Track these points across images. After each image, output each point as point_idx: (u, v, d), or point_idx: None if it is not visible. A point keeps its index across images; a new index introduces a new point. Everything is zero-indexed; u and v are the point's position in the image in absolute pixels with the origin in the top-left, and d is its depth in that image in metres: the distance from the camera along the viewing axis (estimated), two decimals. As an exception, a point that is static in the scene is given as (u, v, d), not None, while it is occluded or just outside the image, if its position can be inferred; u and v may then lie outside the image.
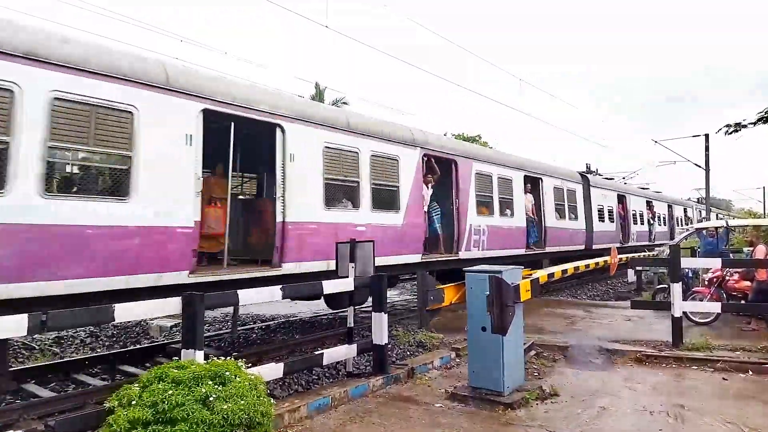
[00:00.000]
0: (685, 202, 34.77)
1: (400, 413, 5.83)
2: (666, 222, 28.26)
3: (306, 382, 7.40)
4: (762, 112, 10.77)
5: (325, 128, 8.86)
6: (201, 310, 5.02)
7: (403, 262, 10.25)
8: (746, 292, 10.24)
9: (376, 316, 7.03)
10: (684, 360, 7.69)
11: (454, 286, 11.47)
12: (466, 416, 5.74)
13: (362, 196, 9.45)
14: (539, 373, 7.40)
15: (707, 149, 24.96)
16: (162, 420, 3.82)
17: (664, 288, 12.52)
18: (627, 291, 17.53)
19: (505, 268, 6.36)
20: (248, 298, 5.85)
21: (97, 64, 6.02)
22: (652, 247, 21.42)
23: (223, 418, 3.88)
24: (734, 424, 5.35)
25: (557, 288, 17.08)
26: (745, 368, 7.27)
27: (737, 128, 11.20)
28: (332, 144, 8.94)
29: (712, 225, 15.33)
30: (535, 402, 6.09)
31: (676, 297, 8.50)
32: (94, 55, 6.07)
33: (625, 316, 11.42)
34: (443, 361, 8.03)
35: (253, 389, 4.30)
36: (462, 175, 12.04)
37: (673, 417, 5.58)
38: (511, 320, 5.82)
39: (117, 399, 4.10)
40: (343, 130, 9.21)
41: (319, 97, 30.62)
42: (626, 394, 6.44)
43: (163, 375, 4.21)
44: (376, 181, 9.82)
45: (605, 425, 5.41)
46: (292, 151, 8.18)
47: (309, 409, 5.75)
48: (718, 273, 10.46)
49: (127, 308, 4.81)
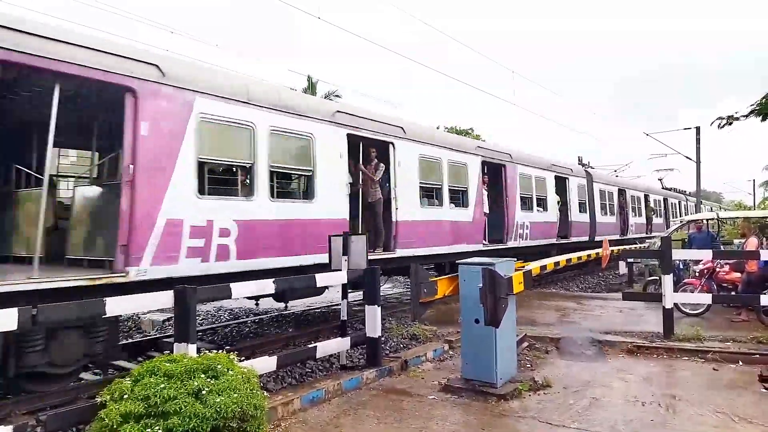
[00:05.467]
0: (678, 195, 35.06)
1: (394, 405, 5.84)
2: (662, 214, 29.22)
3: (299, 375, 7.41)
4: (754, 104, 10.80)
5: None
6: (193, 304, 4.99)
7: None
8: (736, 284, 10.34)
9: (369, 309, 7.03)
10: (675, 351, 7.75)
11: (447, 279, 11.44)
12: (459, 408, 5.76)
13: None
14: (532, 364, 7.44)
15: (698, 142, 25.10)
16: (154, 414, 3.80)
17: (656, 280, 12.60)
18: (618, 283, 17.67)
19: (498, 261, 6.38)
20: (241, 291, 5.83)
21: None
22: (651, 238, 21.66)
23: (216, 412, 3.87)
24: (724, 413, 5.39)
25: (550, 280, 17.17)
26: (736, 359, 7.33)
27: (729, 121, 11.24)
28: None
29: (703, 217, 15.45)
30: (527, 393, 6.12)
31: (667, 288, 8.55)
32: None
33: (617, 307, 11.50)
34: (436, 353, 8.05)
35: (246, 382, 4.28)
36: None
37: (664, 407, 5.63)
38: (503, 312, 5.83)
39: (109, 393, 4.07)
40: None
41: (312, 89, 30.45)
42: (618, 384, 6.49)
43: (155, 369, 4.18)
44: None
45: (597, 415, 5.44)
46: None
47: (302, 401, 5.75)
48: (709, 264, 10.54)
49: (119, 302, 4.78)
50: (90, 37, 6.48)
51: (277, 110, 8.26)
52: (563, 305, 12.04)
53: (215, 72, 8.36)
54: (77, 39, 6.16)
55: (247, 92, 7.89)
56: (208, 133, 7.32)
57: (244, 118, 7.75)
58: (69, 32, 6.28)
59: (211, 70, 8.38)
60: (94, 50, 6.19)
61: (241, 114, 7.69)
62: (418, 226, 10.93)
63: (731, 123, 11.25)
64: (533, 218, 15.60)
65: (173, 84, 6.92)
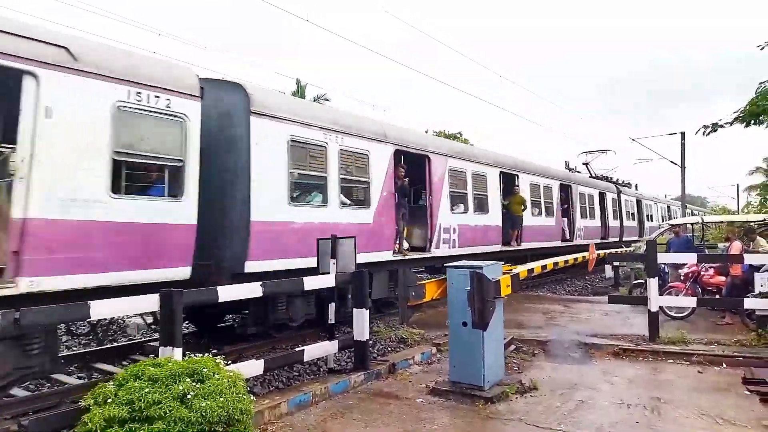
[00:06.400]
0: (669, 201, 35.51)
1: (381, 409, 5.83)
2: (653, 218, 30.02)
3: (287, 378, 7.36)
4: (737, 112, 10.96)
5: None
6: (179, 307, 4.95)
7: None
8: (721, 287, 10.45)
9: (357, 312, 7.01)
10: (660, 353, 7.82)
11: (435, 282, 11.50)
12: (446, 411, 5.76)
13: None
14: (519, 367, 7.46)
15: (683, 147, 25.40)
16: (139, 418, 3.77)
17: (641, 283, 12.71)
18: (604, 286, 17.79)
19: (486, 264, 6.39)
20: (228, 294, 5.78)
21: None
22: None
23: (202, 416, 3.84)
24: (709, 416, 5.45)
25: (536, 284, 17.25)
26: (720, 361, 7.41)
27: (714, 128, 11.39)
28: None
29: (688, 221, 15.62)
30: (514, 396, 6.14)
31: (652, 292, 8.62)
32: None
33: (603, 311, 11.58)
34: (424, 356, 8.04)
35: (233, 386, 4.25)
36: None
37: (650, 410, 5.67)
38: (491, 315, 5.85)
39: (93, 397, 4.03)
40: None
41: (300, 93, 30.38)
42: (604, 387, 6.53)
43: (139, 373, 4.14)
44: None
45: (583, 418, 5.47)
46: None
47: (289, 405, 5.72)
48: (694, 268, 10.65)
49: (104, 305, 4.72)
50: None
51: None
52: (550, 308, 12.10)
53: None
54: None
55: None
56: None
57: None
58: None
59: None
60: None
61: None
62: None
63: (716, 130, 11.40)
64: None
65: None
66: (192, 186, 7.07)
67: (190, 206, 7.05)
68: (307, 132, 9.00)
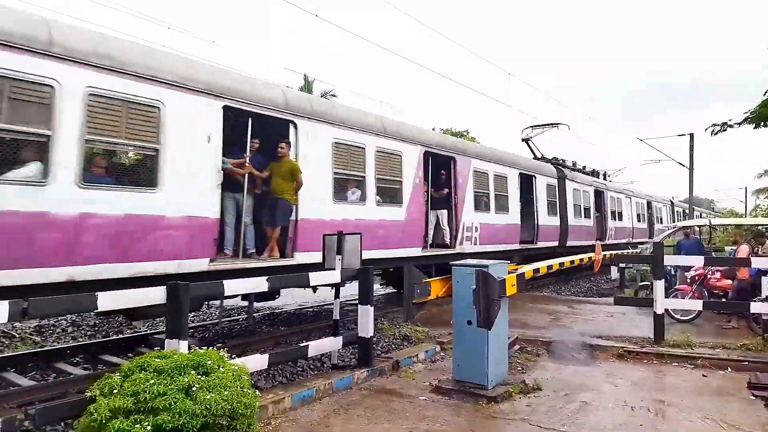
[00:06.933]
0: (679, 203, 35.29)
1: (384, 406, 5.84)
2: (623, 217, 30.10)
3: (290, 373, 7.39)
4: (747, 112, 10.89)
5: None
6: (186, 300, 4.97)
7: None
8: (727, 291, 10.39)
9: (362, 308, 7.02)
10: (665, 356, 7.79)
11: (441, 280, 11.51)
12: (449, 409, 5.76)
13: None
14: (523, 367, 7.46)
15: (692, 148, 25.21)
16: (143, 409, 3.78)
17: (647, 285, 12.66)
18: (610, 288, 17.74)
19: (492, 263, 6.39)
20: (234, 288, 5.81)
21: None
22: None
23: (206, 409, 3.85)
24: (713, 420, 5.43)
25: (542, 284, 17.22)
26: (725, 365, 7.38)
27: (723, 128, 11.34)
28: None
29: (696, 223, 15.54)
30: (518, 396, 6.13)
31: (658, 294, 8.59)
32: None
33: (608, 312, 11.54)
34: (428, 354, 8.05)
35: (237, 380, 4.27)
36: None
37: (654, 412, 5.65)
38: (496, 315, 5.85)
39: (98, 388, 4.05)
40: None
41: (308, 88, 30.37)
42: (608, 389, 6.51)
43: (145, 364, 4.16)
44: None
45: (587, 419, 5.46)
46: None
47: (293, 400, 5.74)
48: (701, 271, 10.60)
49: (112, 296, 4.75)
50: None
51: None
52: (555, 309, 12.08)
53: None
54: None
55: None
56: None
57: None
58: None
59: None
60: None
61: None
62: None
63: (725, 129, 11.35)
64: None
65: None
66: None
67: None
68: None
